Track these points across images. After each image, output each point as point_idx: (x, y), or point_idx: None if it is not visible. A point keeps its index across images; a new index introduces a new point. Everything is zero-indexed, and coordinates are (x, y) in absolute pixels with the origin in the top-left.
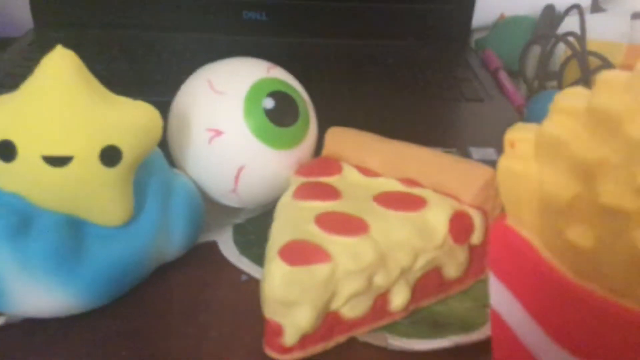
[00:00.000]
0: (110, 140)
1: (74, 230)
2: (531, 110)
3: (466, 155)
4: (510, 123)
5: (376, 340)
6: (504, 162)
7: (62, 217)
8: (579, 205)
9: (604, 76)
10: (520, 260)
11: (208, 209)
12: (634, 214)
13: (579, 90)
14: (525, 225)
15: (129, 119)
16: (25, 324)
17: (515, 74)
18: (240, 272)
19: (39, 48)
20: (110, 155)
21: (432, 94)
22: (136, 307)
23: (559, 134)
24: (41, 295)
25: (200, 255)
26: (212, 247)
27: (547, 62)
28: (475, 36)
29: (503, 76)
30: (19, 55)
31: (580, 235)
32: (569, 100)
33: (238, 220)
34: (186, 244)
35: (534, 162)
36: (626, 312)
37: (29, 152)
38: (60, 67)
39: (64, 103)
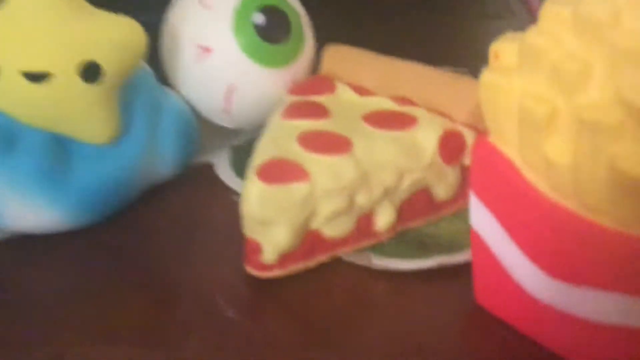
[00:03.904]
0: (88, 55)
1: (60, 148)
2: None
3: (478, 75)
4: None
5: (360, 259)
6: (486, 75)
7: (48, 135)
8: (557, 120)
9: None
10: (500, 178)
11: (206, 130)
12: (614, 129)
13: None
14: (506, 141)
15: (109, 34)
16: (14, 239)
17: None
18: (233, 193)
19: None
20: (90, 71)
21: (447, 8)
22: (125, 225)
23: (541, 42)
24: (28, 212)
25: (196, 177)
26: (209, 168)
27: None
28: None
29: None
30: None
31: (558, 150)
32: (558, 4)
33: (237, 142)
34: (178, 162)
35: (515, 74)
36: (601, 230)
37: (8, 69)
38: None
39: (41, 17)
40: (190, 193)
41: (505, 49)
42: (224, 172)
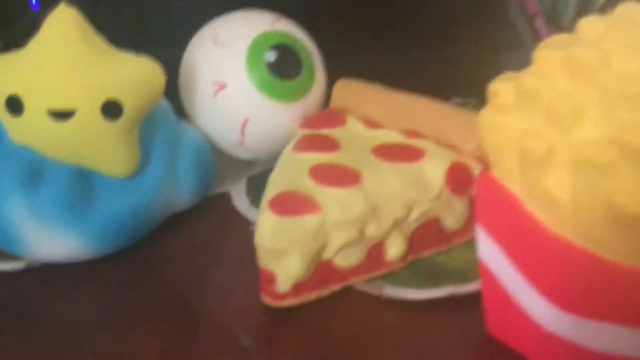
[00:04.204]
0: (111, 94)
1: (83, 180)
2: None
3: None
4: None
5: (371, 288)
6: (485, 113)
7: (71, 167)
8: (555, 157)
9: (583, 22)
10: (504, 212)
11: (222, 161)
12: (609, 166)
13: (563, 37)
14: (508, 176)
15: (130, 74)
16: (45, 268)
17: (552, 21)
18: (249, 222)
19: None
20: (111, 109)
21: (458, 40)
22: (145, 254)
23: (536, 84)
24: (54, 242)
25: (213, 206)
26: (226, 198)
27: (586, 8)
28: None
29: (540, 23)
30: None
31: (557, 186)
32: (551, 48)
33: (254, 172)
34: (195, 194)
35: (513, 113)
36: (604, 263)
37: (34, 107)
38: (63, 24)
39: (66, 59)
40: (208, 222)
41: (502, 89)
42: (240, 201)
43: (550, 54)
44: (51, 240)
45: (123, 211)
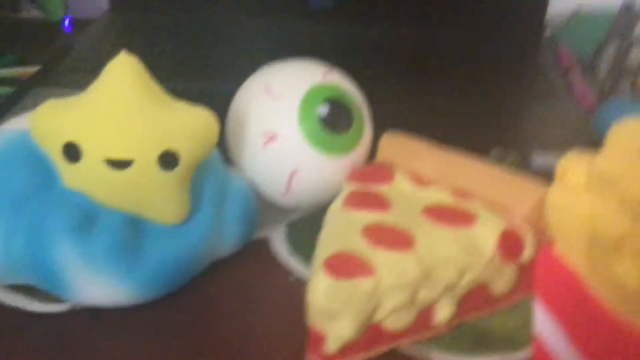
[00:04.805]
0: (168, 145)
1: (134, 227)
2: (601, 115)
3: (528, 158)
4: (578, 126)
5: (418, 352)
6: (554, 192)
7: (123, 215)
8: (627, 243)
9: None
10: (566, 290)
11: (264, 205)
12: None
13: (637, 122)
14: (573, 255)
15: (187, 124)
16: (87, 312)
17: (586, 73)
18: (289, 272)
19: (113, 32)
20: (168, 160)
21: (496, 91)
22: (189, 300)
23: (611, 170)
24: (101, 287)
25: (253, 252)
26: (265, 243)
27: (622, 63)
28: (548, 31)
29: (576, 75)
30: (94, 38)
31: (627, 272)
32: (626, 134)
33: (293, 218)
34: (239, 242)
35: (584, 194)
36: None
37: (92, 155)
38: (123, 73)
39: (126, 109)
40: (248, 269)
41: (572, 167)
42: (281, 248)
43: (627, 141)
44: (99, 286)
45: (171, 258)
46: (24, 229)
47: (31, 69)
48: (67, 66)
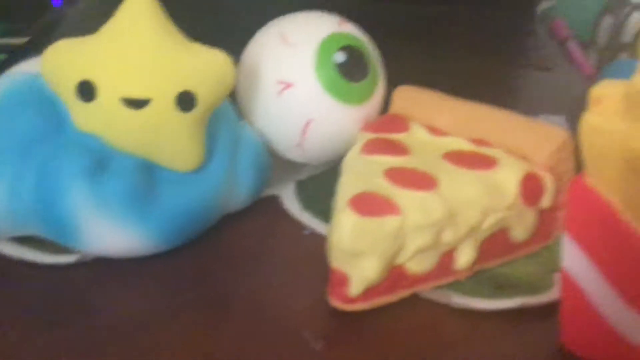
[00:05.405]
0: (186, 86)
1: (148, 173)
2: (605, 77)
3: None
4: (580, 92)
5: (439, 297)
6: (589, 118)
7: (137, 160)
8: None
9: None
10: (598, 222)
11: (273, 162)
12: None
13: None
14: (606, 184)
15: (205, 66)
16: (96, 263)
17: (584, 45)
18: (302, 225)
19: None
20: (185, 101)
21: (499, 60)
22: (203, 252)
23: None
24: (113, 235)
25: (264, 208)
26: (275, 200)
27: (620, 32)
28: (543, 5)
29: (573, 45)
30: (85, 13)
31: None
32: None
33: (300, 177)
34: (252, 194)
35: (620, 119)
36: None
37: (108, 94)
38: (140, 10)
39: (144, 47)
40: (259, 224)
41: (607, 94)
42: (291, 204)
43: None
44: (110, 232)
45: (185, 206)
46: (33, 173)
47: (22, 40)
48: (57, 38)
